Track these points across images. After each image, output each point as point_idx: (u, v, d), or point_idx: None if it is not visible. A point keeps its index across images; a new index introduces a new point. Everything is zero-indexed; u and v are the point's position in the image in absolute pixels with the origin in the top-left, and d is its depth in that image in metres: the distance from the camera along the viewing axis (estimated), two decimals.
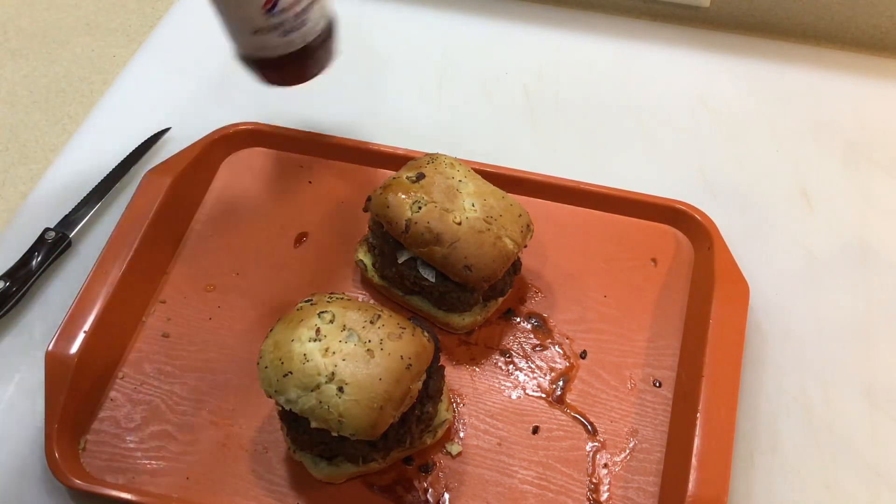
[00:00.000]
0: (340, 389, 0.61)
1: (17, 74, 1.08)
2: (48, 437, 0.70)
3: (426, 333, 0.68)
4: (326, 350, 0.63)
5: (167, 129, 0.94)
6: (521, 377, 0.76)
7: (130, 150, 0.92)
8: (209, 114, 0.96)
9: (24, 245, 0.84)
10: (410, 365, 0.64)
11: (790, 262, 0.84)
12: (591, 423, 0.73)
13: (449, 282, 0.75)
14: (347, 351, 0.63)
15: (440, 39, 1.05)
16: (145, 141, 0.92)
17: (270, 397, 0.65)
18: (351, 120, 0.97)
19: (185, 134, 0.91)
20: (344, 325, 0.64)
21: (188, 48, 1.05)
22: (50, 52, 1.10)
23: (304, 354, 0.63)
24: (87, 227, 0.86)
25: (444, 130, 0.96)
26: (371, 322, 0.65)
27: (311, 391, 0.62)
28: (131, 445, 0.72)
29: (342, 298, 0.68)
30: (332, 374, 0.62)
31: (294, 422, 0.66)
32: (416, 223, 0.73)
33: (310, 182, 0.90)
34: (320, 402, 0.61)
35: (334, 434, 0.62)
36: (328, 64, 0.84)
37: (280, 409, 0.67)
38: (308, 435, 0.65)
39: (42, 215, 0.88)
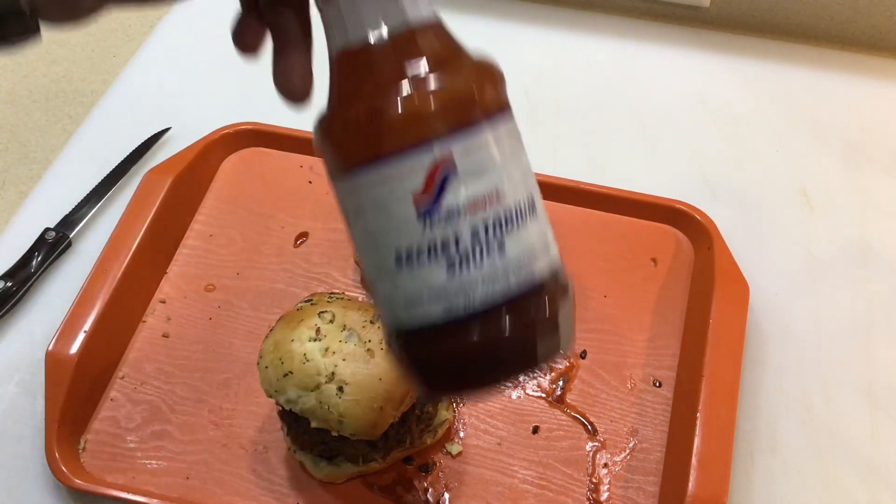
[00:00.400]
0: (340, 389, 0.61)
1: (17, 74, 1.08)
2: (48, 437, 0.69)
3: None
4: (326, 350, 0.63)
5: (167, 129, 0.94)
6: (521, 377, 0.76)
7: (131, 150, 0.92)
8: (209, 114, 0.96)
9: (24, 245, 0.83)
10: None
11: (790, 262, 0.84)
12: (591, 423, 0.73)
13: None
14: (348, 351, 0.63)
15: None
16: (146, 140, 0.92)
17: (270, 397, 0.65)
18: None
19: (186, 134, 0.91)
20: (344, 325, 0.64)
21: (188, 48, 1.05)
22: (50, 52, 1.10)
23: (304, 354, 0.63)
24: (87, 227, 0.86)
25: None
26: (371, 322, 0.65)
27: (311, 391, 0.62)
28: (131, 445, 0.72)
29: (342, 298, 0.68)
30: (332, 373, 0.62)
31: (294, 422, 0.66)
32: None
33: (310, 182, 0.90)
34: (320, 401, 0.61)
35: (334, 434, 0.62)
36: (559, 346, 0.47)
37: (280, 409, 0.67)
38: (308, 435, 0.65)
39: (42, 215, 0.88)
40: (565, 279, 0.47)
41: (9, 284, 0.80)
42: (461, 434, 0.73)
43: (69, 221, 0.85)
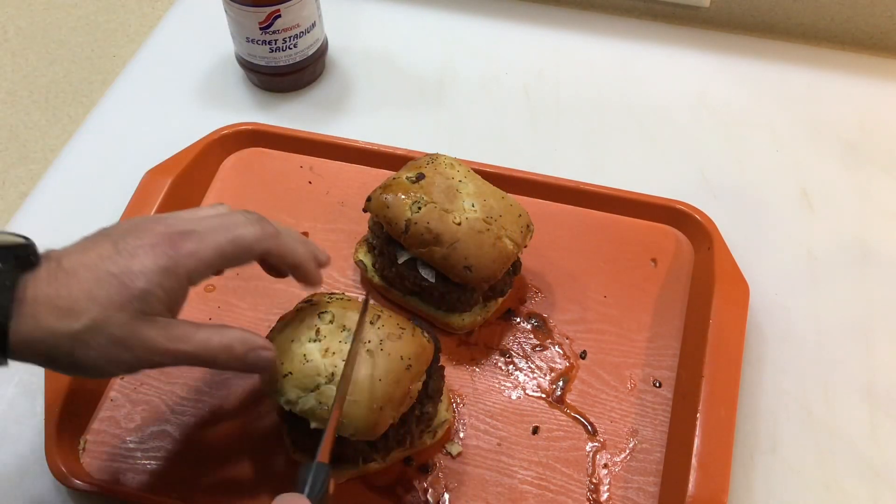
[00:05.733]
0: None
1: (17, 74, 1.08)
2: (48, 437, 0.70)
3: (426, 334, 0.67)
4: (326, 350, 0.63)
5: None
6: (521, 377, 0.76)
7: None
8: (210, 113, 0.96)
9: None
10: (410, 366, 0.64)
11: (790, 263, 0.84)
12: (591, 424, 0.73)
13: (449, 282, 0.74)
14: (347, 351, 0.63)
15: (440, 39, 1.05)
16: None
17: (270, 398, 0.65)
18: (351, 120, 0.97)
19: (186, 134, 0.91)
20: (343, 326, 0.64)
21: (188, 48, 1.05)
22: (50, 52, 1.10)
23: (304, 355, 0.63)
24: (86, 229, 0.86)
25: (443, 130, 0.96)
26: (371, 322, 0.65)
27: (311, 392, 0.62)
28: (131, 445, 0.72)
29: (342, 299, 0.68)
30: (332, 374, 0.62)
31: (294, 422, 0.66)
32: (415, 223, 0.73)
33: (309, 182, 0.90)
34: (320, 402, 0.61)
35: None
36: (308, 84, 1.00)
37: (280, 409, 0.67)
38: (308, 435, 0.65)
39: (42, 215, 0.88)
40: (323, 52, 0.97)
41: None
42: (461, 434, 0.73)
43: None
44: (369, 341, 0.63)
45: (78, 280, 0.53)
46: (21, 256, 0.53)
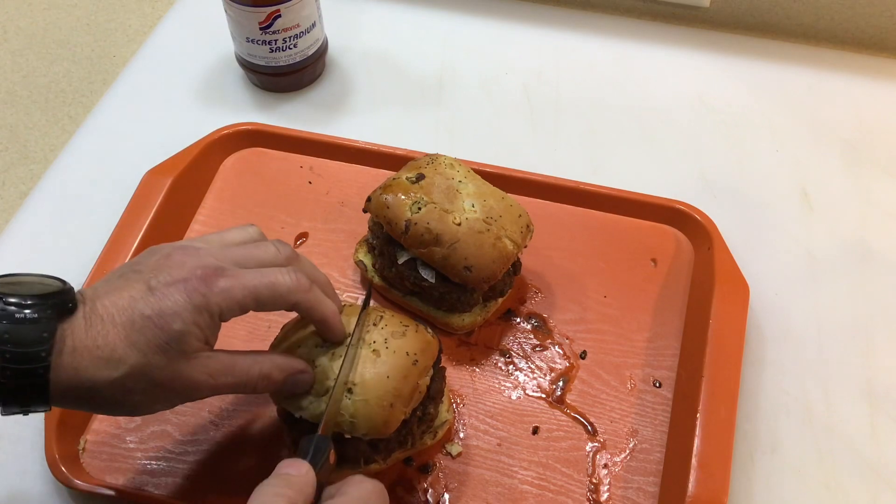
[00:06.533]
0: (350, 391, 0.61)
1: (17, 74, 1.08)
2: (48, 437, 0.70)
3: (429, 329, 0.68)
4: (333, 354, 0.63)
5: None
6: (521, 377, 0.76)
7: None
8: (209, 113, 0.97)
9: (25, 245, 0.83)
10: (416, 361, 0.64)
11: (790, 263, 0.84)
12: (591, 424, 0.73)
13: (449, 282, 0.74)
14: (353, 354, 0.63)
15: (440, 39, 1.05)
16: None
17: (279, 405, 0.64)
18: (351, 120, 0.97)
19: (186, 134, 0.91)
20: (348, 333, 0.64)
21: (188, 48, 1.05)
22: (50, 52, 1.10)
23: (313, 361, 0.63)
24: (86, 229, 0.86)
25: (443, 130, 0.96)
26: (374, 324, 0.65)
27: (321, 396, 0.62)
28: (131, 445, 0.72)
29: (345, 305, 0.68)
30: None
31: (295, 423, 0.66)
32: (415, 224, 0.73)
33: (309, 182, 0.90)
34: (329, 400, 0.61)
35: (347, 436, 0.62)
36: (308, 84, 1.00)
37: (281, 411, 0.67)
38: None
39: (42, 215, 0.88)
40: (323, 52, 0.99)
41: None
42: (461, 435, 0.73)
43: None
44: (374, 341, 0.64)
45: (114, 325, 0.54)
46: (59, 304, 0.53)
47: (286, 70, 0.96)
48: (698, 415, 0.69)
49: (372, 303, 0.81)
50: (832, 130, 0.95)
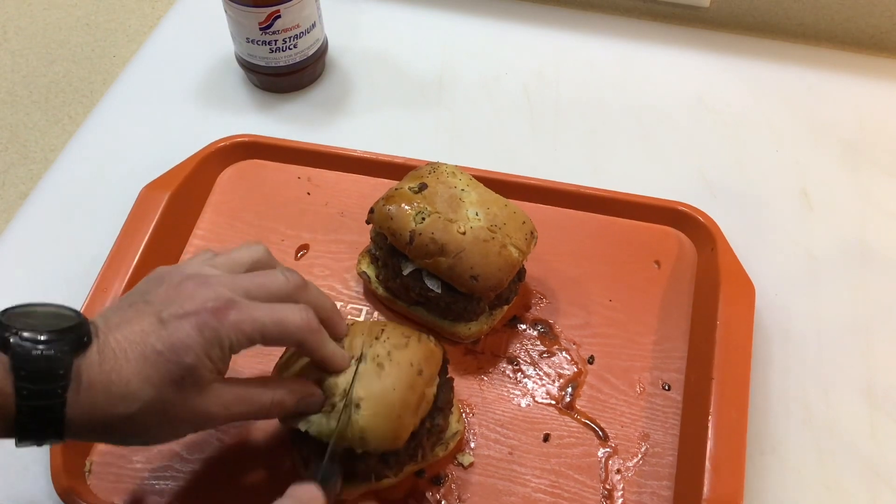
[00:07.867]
0: (357, 406, 0.62)
1: (17, 74, 1.07)
2: (54, 459, 0.69)
3: (432, 339, 0.68)
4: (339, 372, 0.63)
5: None
6: (530, 384, 0.76)
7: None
8: (209, 113, 0.96)
9: (25, 245, 0.83)
10: (421, 370, 0.64)
11: (790, 263, 0.85)
12: (601, 429, 0.73)
13: (455, 292, 0.74)
14: (359, 371, 0.63)
15: (440, 40, 1.05)
16: None
17: (288, 424, 0.65)
18: (350, 120, 0.97)
19: (185, 134, 0.91)
20: (352, 346, 0.65)
21: (188, 48, 1.04)
22: (50, 52, 1.10)
23: (320, 381, 0.63)
24: (86, 230, 0.86)
25: (443, 130, 0.96)
26: (376, 338, 0.65)
27: (329, 412, 0.62)
28: (138, 465, 0.71)
29: (349, 325, 0.68)
30: (345, 391, 0.62)
31: (301, 438, 0.66)
32: (420, 234, 0.72)
33: (308, 193, 0.89)
34: (339, 421, 0.62)
35: (358, 451, 0.62)
36: (308, 84, 1.00)
37: (291, 431, 0.67)
38: (319, 454, 0.65)
39: (42, 215, 0.88)
40: (323, 52, 0.98)
41: None
42: (472, 445, 0.73)
43: None
44: (378, 355, 0.64)
45: (127, 360, 0.53)
46: (75, 340, 0.53)
47: (286, 70, 0.96)
48: (710, 417, 0.69)
49: (375, 316, 0.81)
50: (832, 130, 0.95)
